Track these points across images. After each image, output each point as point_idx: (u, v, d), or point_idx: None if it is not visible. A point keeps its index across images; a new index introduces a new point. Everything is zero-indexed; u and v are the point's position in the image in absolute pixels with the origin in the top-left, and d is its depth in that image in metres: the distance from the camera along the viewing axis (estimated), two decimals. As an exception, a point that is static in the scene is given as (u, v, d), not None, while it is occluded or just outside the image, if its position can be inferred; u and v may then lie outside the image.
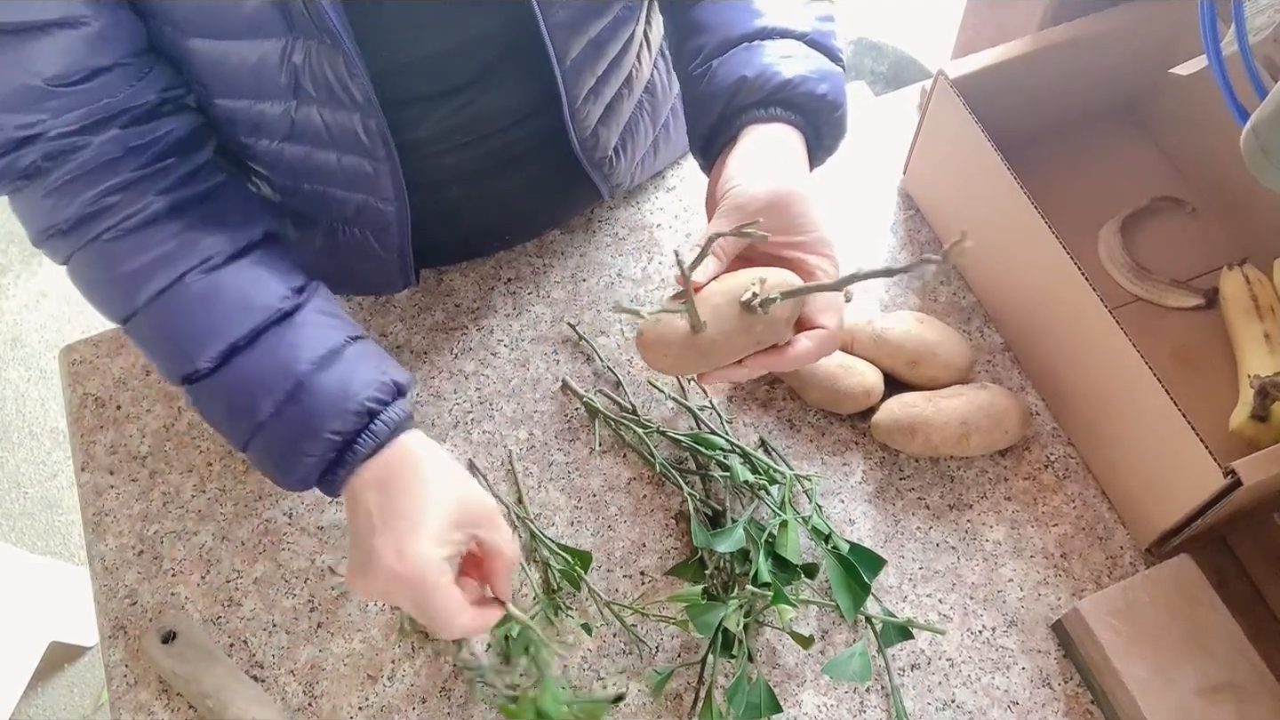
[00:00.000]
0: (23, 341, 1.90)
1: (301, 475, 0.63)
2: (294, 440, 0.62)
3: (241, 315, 0.63)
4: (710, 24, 0.69)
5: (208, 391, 0.64)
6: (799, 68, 0.66)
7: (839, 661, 0.70)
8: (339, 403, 0.62)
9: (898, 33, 2.07)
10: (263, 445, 0.64)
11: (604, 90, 0.78)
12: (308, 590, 0.77)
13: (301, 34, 0.61)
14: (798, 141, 0.66)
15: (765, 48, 0.67)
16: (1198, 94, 0.86)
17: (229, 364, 0.63)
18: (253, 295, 0.64)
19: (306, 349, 0.63)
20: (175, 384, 0.66)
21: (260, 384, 0.63)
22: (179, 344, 0.64)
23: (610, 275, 0.90)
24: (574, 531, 0.79)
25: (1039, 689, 0.72)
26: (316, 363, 0.63)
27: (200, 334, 0.63)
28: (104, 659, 0.75)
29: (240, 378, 0.63)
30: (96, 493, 0.81)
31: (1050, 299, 0.78)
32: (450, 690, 0.73)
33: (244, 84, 0.66)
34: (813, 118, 0.67)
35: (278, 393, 0.62)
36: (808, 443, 0.82)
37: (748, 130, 0.66)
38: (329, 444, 0.62)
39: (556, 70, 0.71)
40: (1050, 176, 0.91)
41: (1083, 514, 0.79)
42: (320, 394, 0.62)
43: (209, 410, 0.66)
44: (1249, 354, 0.81)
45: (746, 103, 0.66)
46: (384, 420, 0.63)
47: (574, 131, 0.77)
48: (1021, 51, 0.82)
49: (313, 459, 0.62)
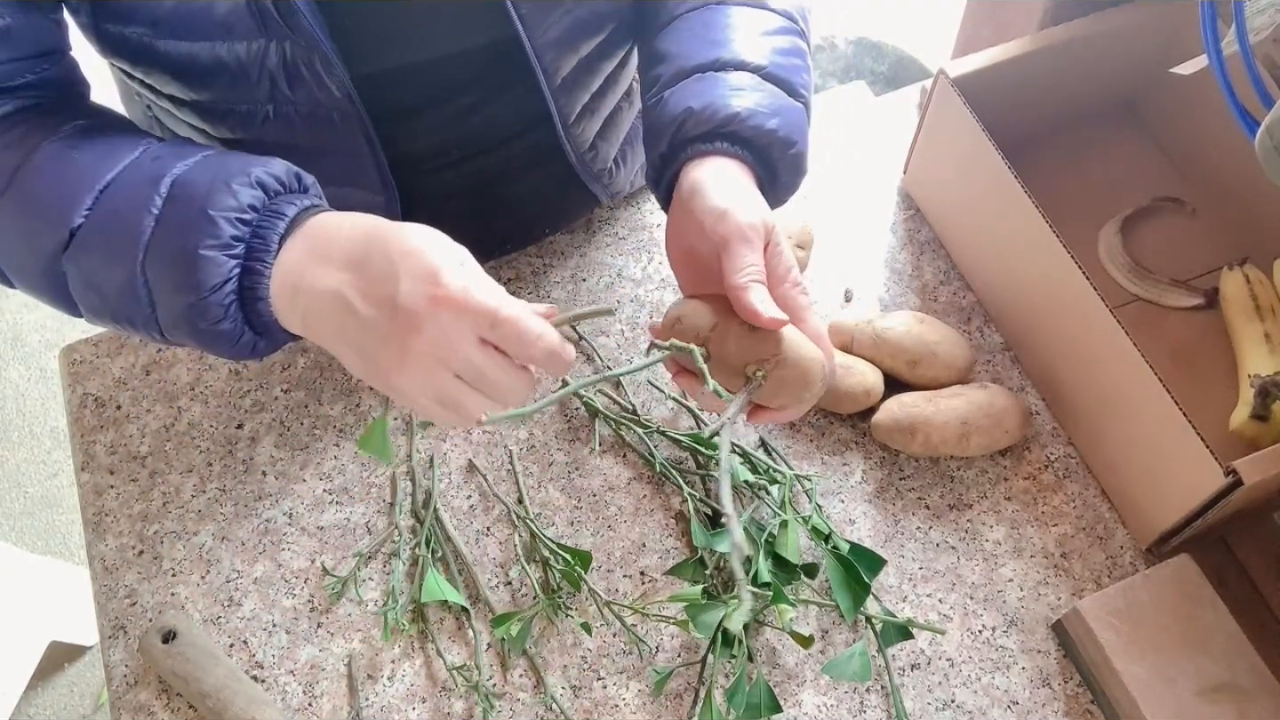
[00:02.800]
0: (23, 341, 1.90)
1: (218, 296, 0.53)
2: (187, 241, 0.53)
3: (105, 160, 0.57)
4: (670, 53, 0.68)
5: (84, 245, 0.56)
6: (749, 101, 0.63)
7: (839, 661, 0.70)
8: (223, 179, 0.54)
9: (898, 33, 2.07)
10: (159, 271, 0.54)
11: (600, 105, 0.78)
12: (308, 590, 0.77)
13: (275, 35, 0.60)
14: (745, 176, 0.63)
15: (718, 80, 0.64)
16: (1198, 94, 0.86)
17: (98, 204, 0.56)
18: (117, 142, 0.59)
19: (176, 157, 0.57)
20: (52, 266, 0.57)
21: (132, 202, 0.55)
22: (50, 206, 0.56)
23: (610, 275, 0.90)
24: (574, 531, 0.79)
25: (1039, 689, 0.72)
26: (191, 165, 0.56)
27: (68, 187, 0.56)
28: (104, 659, 0.75)
29: (111, 210, 0.56)
30: (96, 493, 0.81)
31: (1051, 299, 0.78)
32: (450, 690, 0.73)
33: (218, 85, 0.64)
34: (763, 154, 0.64)
35: (154, 200, 0.55)
36: (808, 443, 0.82)
37: (694, 164, 0.63)
38: (227, 227, 0.53)
39: (545, 89, 0.70)
40: (1050, 176, 0.91)
41: (1083, 514, 0.78)
42: (200, 181, 0.55)
43: (93, 269, 0.57)
44: (1249, 354, 0.81)
45: (692, 134, 0.63)
46: (289, 200, 0.55)
47: (570, 147, 0.76)
48: (1021, 51, 0.82)
49: (218, 256, 0.53)
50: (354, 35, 0.63)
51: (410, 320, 0.51)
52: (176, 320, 0.56)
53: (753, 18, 0.69)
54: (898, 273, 0.89)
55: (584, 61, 0.72)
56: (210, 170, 0.56)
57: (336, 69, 0.62)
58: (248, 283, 0.54)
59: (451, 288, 0.51)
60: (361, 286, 0.52)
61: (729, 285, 0.58)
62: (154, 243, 0.54)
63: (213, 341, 0.56)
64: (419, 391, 0.53)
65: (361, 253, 0.53)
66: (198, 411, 0.84)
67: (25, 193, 0.57)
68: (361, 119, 0.66)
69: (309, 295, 0.54)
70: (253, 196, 0.54)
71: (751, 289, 0.57)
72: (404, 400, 0.55)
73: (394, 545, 0.78)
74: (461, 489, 0.80)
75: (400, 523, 0.78)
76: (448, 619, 0.75)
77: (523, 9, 0.65)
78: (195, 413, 0.84)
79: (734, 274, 0.58)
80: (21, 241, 0.58)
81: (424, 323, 0.51)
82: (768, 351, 0.58)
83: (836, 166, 0.96)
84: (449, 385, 0.53)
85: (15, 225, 0.58)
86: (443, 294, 0.50)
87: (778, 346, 0.57)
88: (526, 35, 0.66)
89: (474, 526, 0.79)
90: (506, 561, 0.77)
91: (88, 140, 0.59)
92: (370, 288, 0.52)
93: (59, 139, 0.58)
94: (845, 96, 1.01)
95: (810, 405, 0.61)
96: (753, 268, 0.58)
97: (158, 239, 0.54)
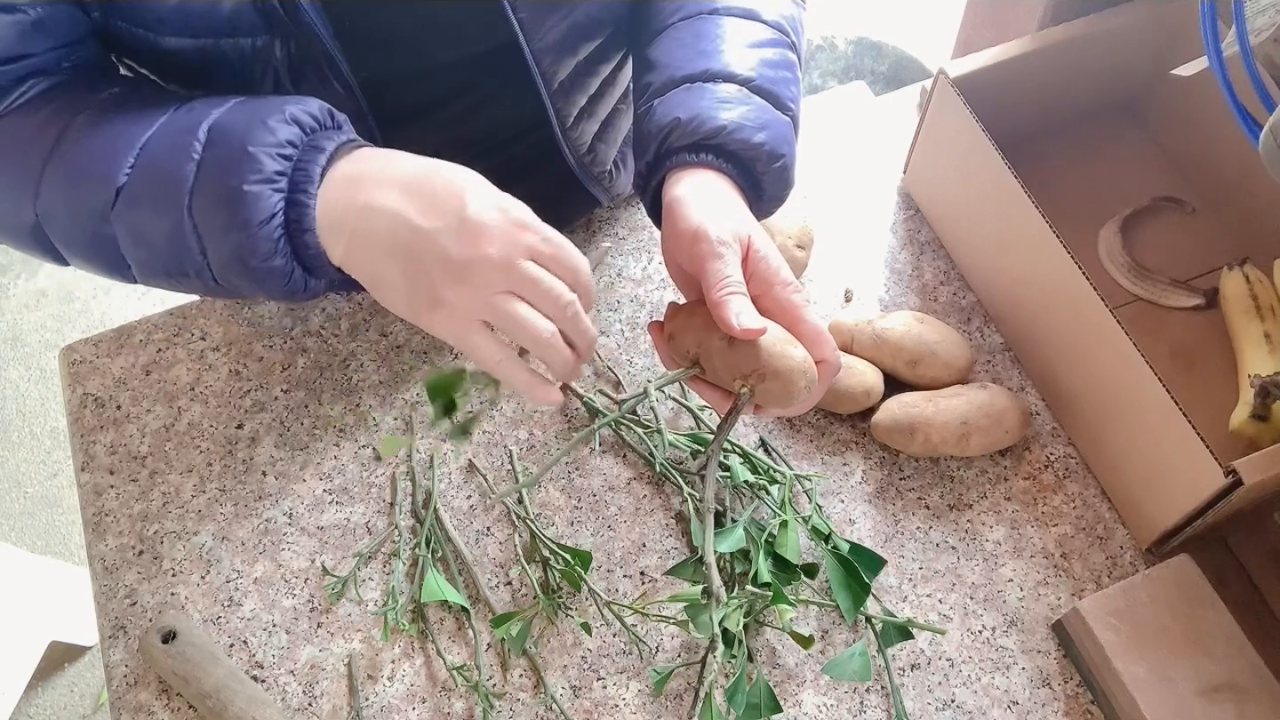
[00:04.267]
0: (23, 341, 1.90)
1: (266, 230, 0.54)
2: (231, 179, 0.54)
3: (141, 119, 0.59)
4: (660, 62, 0.68)
5: (130, 200, 0.57)
6: (736, 114, 0.63)
7: (839, 661, 0.70)
8: (260, 117, 0.56)
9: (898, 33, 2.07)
10: (206, 213, 0.55)
11: (598, 108, 0.78)
12: (308, 590, 0.77)
13: (280, 32, 0.61)
14: (729, 188, 0.63)
15: (706, 91, 0.64)
16: (1198, 94, 0.86)
17: (139, 159, 0.57)
18: (153, 101, 0.60)
19: (210, 105, 0.58)
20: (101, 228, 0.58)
21: (173, 151, 0.56)
22: (95, 167, 0.58)
23: (610, 275, 0.90)
24: (574, 531, 0.79)
25: (1039, 689, 0.72)
26: (226, 109, 0.58)
27: (109, 148, 0.58)
28: (104, 659, 0.75)
29: (152, 162, 0.57)
30: (96, 493, 0.81)
31: (1051, 299, 0.78)
32: (450, 690, 0.73)
33: (223, 81, 0.64)
34: (748, 166, 0.64)
35: (194, 146, 0.56)
36: (808, 443, 0.82)
37: (676, 177, 0.63)
38: (269, 162, 0.54)
39: (544, 92, 0.70)
40: (1050, 176, 0.91)
41: (1083, 514, 0.79)
42: (237, 122, 0.56)
43: (141, 222, 0.58)
44: (1249, 354, 0.81)
45: (677, 145, 0.63)
46: (327, 135, 0.57)
47: (569, 149, 0.77)
48: (1021, 51, 0.82)
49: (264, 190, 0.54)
50: (354, 39, 0.63)
51: (479, 230, 0.54)
52: (228, 261, 0.56)
53: (743, 29, 0.68)
54: (898, 273, 0.89)
55: (581, 64, 0.72)
56: (246, 112, 0.57)
57: (340, 66, 0.63)
58: (294, 215, 0.55)
59: (518, 207, 0.55)
60: (421, 205, 0.55)
61: (708, 301, 0.59)
62: (198, 186, 0.55)
63: (265, 279, 0.57)
64: (473, 306, 0.55)
65: (421, 178, 0.56)
66: (198, 411, 0.84)
67: (69, 160, 0.58)
68: (365, 116, 0.67)
69: (359, 216, 0.55)
70: (290, 133, 0.56)
71: (727, 303, 0.58)
72: (449, 323, 0.56)
73: (394, 545, 0.78)
74: (461, 489, 0.80)
75: (400, 523, 0.78)
76: (448, 619, 0.75)
77: (521, 14, 0.65)
78: (195, 413, 0.84)
79: (710, 290, 0.58)
80: (68, 208, 0.59)
81: (494, 233, 0.54)
82: (749, 366, 0.58)
83: (836, 166, 0.96)
84: (504, 297, 0.55)
85: (61, 193, 0.59)
86: (514, 213, 0.55)
87: (758, 360, 0.58)
88: (525, 39, 0.66)
89: (474, 526, 0.79)
90: (506, 561, 0.77)
91: (123, 104, 0.60)
92: (432, 204, 0.54)
93: (95, 108, 0.60)
94: (845, 96, 1.01)
95: (807, 405, 0.61)
96: (728, 280, 0.58)
97: (202, 181, 0.55)
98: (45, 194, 0.59)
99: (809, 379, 0.59)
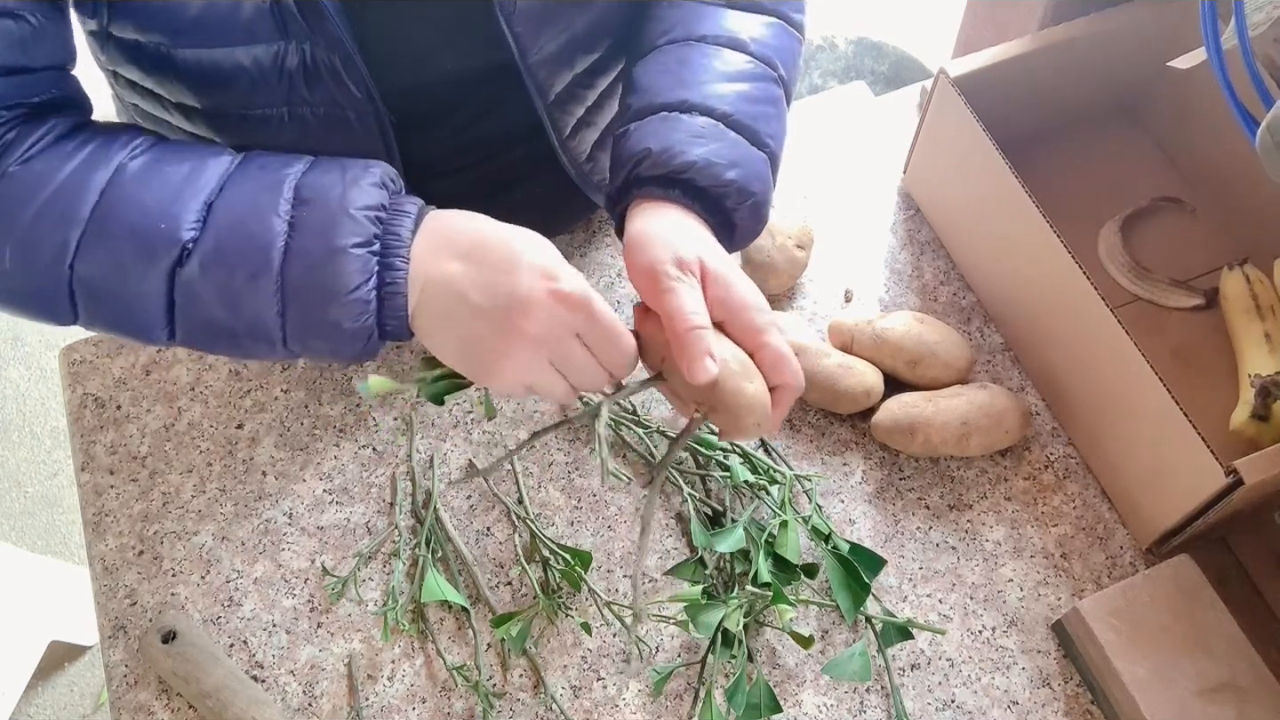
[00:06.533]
0: (23, 341, 1.90)
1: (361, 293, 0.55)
2: (331, 240, 0.55)
3: (199, 173, 0.57)
4: (641, 85, 0.67)
5: (207, 259, 0.55)
6: (707, 150, 0.62)
7: (839, 661, 0.70)
8: (351, 178, 0.57)
9: (898, 33, 2.07)
10: (301, 275, 0.55)
11: (598, 118, 0.78)
12: (308, 590, 0.77)
13: (295, 37, 0.60)
14: (690, 221, 0.62)
15: (681, 122, 0.63)
16: (1198, 93, 0.86)
17: (212, 216, 0.56)
18: (202, 154, 0.59)
19: (282, 162, 0.58)
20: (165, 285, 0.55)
21: (256, 210, 0.55)
22: (152, 223, 0.55)
23: (610, 275, 0.90)
24: (574, 531, 0.79)
25: (1039, 689, 0.72)
26: (303, 165, 0.58)
27: (168, 203, 0.56)
28: (104, 659, 0.75)
29: (232, 219, 0.56)
30: (96, 493, 0.81)
31: (1051, 299, 0.78)
32: (450, 690, 0.73)
33: (236, 90, 0.64)
34: (717, 203, 0.63)
35: (280, 205, 0.56)
36: (808, 443, 0.82)
37: (640, 206, 0.63)
38: (368, 225, 0.55)
39: (539, 105, 0.70)
40: (1050, 176, 0.91)
41: (1083, 514, 0.78)
42: (328, 183, 0.57)
43: (218, 288, 0.56)
44: (1249, 354, 0.81)
45: (645, 175, 0.62)
46: (409, 199, 0.58)
47: (567, 158, 0.77)
48: (1021, 51, 0.82)
49: (363, 253, 0.55)
50: (366, 47, 0.63)
51: (526, 309, 0.55)
52: (314, 323, 0.56)
53: (728, 60, 0.68)
54: (898, 273, 0.89)
55: (580, 77, 0.73)
56: (331, 171, 0.58)
57: (357, 65, 0.62)
58: (388, 278, 0.56)
59: (568, 284, 0.56)
60: (476, 277, 0.56)
61: (669, 336, 0.58)
62: (293, 245, 0.55)
63: (348, 341, 0.57)
64: (518, 374, 0.57)
65: (478, 247, 0.57)
66: (198, 411, 0.84)
67: (119, 209, 0.56)
68: (380, 116, 0.66)
69: (424, 286, 0.57)
70: (381, 196, 0.57)
71: (684, 347, 0.57)
72: (498, 381, 0.58)
73: (394, 545, 0.78)
74: (461, 489, 0.80)
75: (400, 523, 0.78)
76: (448, 619, 0.75)
77: (517, 28, 0.65)
78: (195, 413, 0.84)
79: (669, 326, 0.58)
80: (113, 264, 0.56)
81: (539, 312, 0.55)
82: (702, 396, 0.59)
83: (836, 166, 0.96)
84: (545, 370, 0.57)
85: (107, 250, 0.56)
86: (561, 289, 0.55)
87: (711, 393, 0.58)
88: (520, 54, 0.66)
89: (474, 526, 0.79)
90: (506, 561, 0.77)
91: (168, 151, 0.59)
92: (487, 278, 0.56)
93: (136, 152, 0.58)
94: (845, 96, 1.01)
95: (766, 432, 0.61)
96: (688, 315, 0.57)
97: (298, 240, 0.55)
98: (91, 241, 0.56)
99: (759, 416, 0.59)
